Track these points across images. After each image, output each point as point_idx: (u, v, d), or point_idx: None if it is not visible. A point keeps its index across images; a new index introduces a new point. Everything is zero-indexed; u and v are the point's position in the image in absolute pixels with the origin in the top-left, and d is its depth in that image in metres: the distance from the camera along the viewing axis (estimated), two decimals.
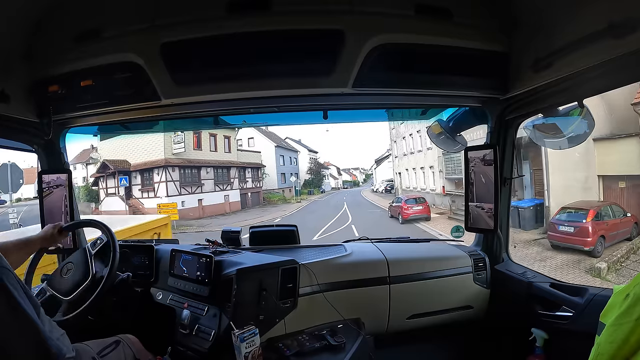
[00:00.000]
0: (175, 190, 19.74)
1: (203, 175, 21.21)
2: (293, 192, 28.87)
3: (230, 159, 23.10)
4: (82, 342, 1.22)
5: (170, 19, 1.39)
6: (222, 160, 22.46)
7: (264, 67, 1.45)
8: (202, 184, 21.02)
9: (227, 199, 22.36)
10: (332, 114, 1.93)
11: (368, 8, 1.37)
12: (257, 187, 25.80)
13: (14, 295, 0.81)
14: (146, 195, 20.08)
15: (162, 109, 1.67)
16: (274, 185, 28.49)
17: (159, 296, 1.73)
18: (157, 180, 19.80)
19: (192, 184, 20.62)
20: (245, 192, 23.94)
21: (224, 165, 22.68)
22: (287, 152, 31.44)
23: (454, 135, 2.05)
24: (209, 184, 21.49)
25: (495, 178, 1.81)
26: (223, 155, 22.68)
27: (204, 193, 20.95)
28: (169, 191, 19.52)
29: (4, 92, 1.41)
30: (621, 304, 0.90)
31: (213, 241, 1.89)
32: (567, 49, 1.24)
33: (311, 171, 34.64)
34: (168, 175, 19.64)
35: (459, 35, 1.44)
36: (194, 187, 20.67)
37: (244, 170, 24.41)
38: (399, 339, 1.93)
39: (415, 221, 14.00)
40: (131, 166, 20.06)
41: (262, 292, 1.54)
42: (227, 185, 22.71)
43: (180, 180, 20.03)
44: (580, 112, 1.50)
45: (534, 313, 1.68)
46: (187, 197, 19.99)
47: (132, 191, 20.36)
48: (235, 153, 23.63)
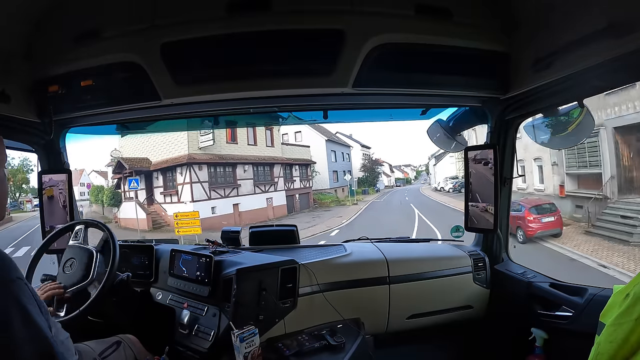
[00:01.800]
0: (204, 193, 15.92)
1: (240, 174, 17.28)
2: (347, 192, 24.81)
3: (273, 154, 18.95)
4: (83, 343, 1.22)
5: (170, 19, 1.39)
6: (263, 156, 18.34)
7: (264, 67, 1.45)
8: (238, 185, 17.11)
9: (270, 203, 18.38)
10: (332, 113, 1.93)
11: (368, 8, 1.37)
12: (307, 187, 21.43)
13: (29, 311, 0.79)
14: (169, 199, 16.55)
15: (162, 109, 1.67)
16: (325, 184, 23.98)
17: (158, 296, 1.73)
18: (181, 181, 16.01)
19: (226, 186, 16.74)
20: (292, 194, 19.86)
21: (266, 161, 18.54)
22: (338, 147, 26.70)
23: (454, 135, 2.05)
24: (247, 184, 17.58)
25: (495, 178, 1.81)
26: (264, 149, 18.48)
27: (240, 196, 17.09)
28: (195, 195, 15.59)
29: (4, 92, 1.41)
30: (621, 303, 0.90)
31: (213, 241, 1.89)
32: (567, 49, 1.24)
33: (365, 168, 30.39)
34: (193, 174, 15.79)
35: (459, 35, 1.44)
36: (228, 189, 16.81)
37: (291, 167, 20.18)
38: (398, 339, 1.93)
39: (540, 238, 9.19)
40: (151, 165, 16.69)
41: (262, 292, 1.54)
42: (270, 186, 18.69)
43: (209, 180, 16.16)
44: (580, 112, 1.50)
45: (533, 313, 1.68)
46: (219, 201, 16.17)
47: (154, 195, 16.95)
48: (280, 147, 19.51)
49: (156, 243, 1.91)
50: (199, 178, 15.84)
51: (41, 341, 0.79)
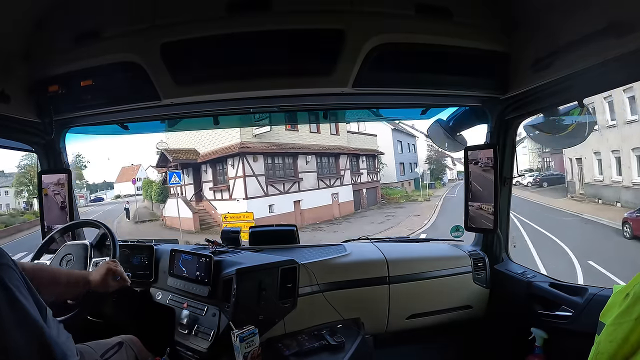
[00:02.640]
0: (259, 188, 13.46)
1: (301, 165, 14.72)
2: (412, 185, 22.03)
3: (339, 143, 16.33)
4: (85, 344, 1.22)
5: (170, 19, 1.39)
6: (327, 146, 15.73)
7: (264, 67, 1.44)
8: (299, 179, 14.56)
9: (335, 199, 15.84)
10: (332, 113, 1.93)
11: (368, 8, 1.37)
12: (374, 180, 18.87)
13: (16, 295, 0.79)
14: (219, 196, 14.26)
15: (162, 109, 1.67)
16: (392, 177, 21.29)
17: (158, 296, 1.73)
18: (233, 175, 13.56)
19: (285, 179, 14.21)
20: (359, 188, 17.39)
21: (331, 151, 15.93)
22: (404, 137, 23.84)
23: (454, 134, 2.05)
24: (310, 178, 14.95)
25: (495, 178, 1.81)
26: (329, 138, 15.86)
27: (302, 192, 14.54)
28: (250, 190, 13.19)
29: (4, 92, 1.41)
30: (621, 303, 0.91)
31: (213, 241, 1.89)
32: (567, 49, 1.24)
33: (430, 160, 27.21)
34: (247, 166, 13.29)
35: (459, 35, 1.44)
36: (288, 184, 14.24)
37: (357, 158, 17.63)
38: (398, 339, 1.93)
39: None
40: (199, 156, 14.62)
41: (262, 292, 1.54)
42: (336, 180, 16.04)
43: (266, 174, 13.70)
44: (580, 111, 1.50)
45: (533, 313, 1.68)
46: (277, 198, 13.75)
47: (202, 191, 14.78)
48: (346, 136, 16.89)
49: (156, 243, 1.91)
50: (253, 171, 13.35)
51: (30, 326, 0.79)
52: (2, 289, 0.77)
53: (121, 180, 35.14)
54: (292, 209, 13.95)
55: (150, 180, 20.51)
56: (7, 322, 0.76)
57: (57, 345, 0.83)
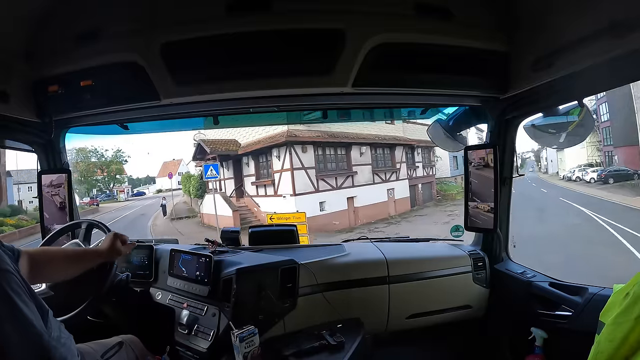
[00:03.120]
0: (309, 183, 11.82)
1: (355, 157, 13.12)
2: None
3: (394, 133, 14.61)
4: (85, 344, 1.22)
5: (170, 19, 1.39)
6: (383, 135, 13.99)
7: (264, 67, 1.44)
8: (353, 173, 12.95)
9: (391, 195, 14.10)
10: (332, 113, 1.93)
11: (368, 7, 1.36)
12: (429, 174, 17.43)
13: (16, 302, 0.78)
14: (263, 192, 12.77)
15: (162, 109, 1.66)
16: (445, 172, 19.54)
17: (158, 296, 1.73)
18: (278, 167, 12.06)
19: (338, 173, 12.62)
20: (414, 183, 15.77)
21: (387, 142, 14.21)
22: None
23: (454, 134, 2.05)
24: (365, 172, 13.31)
25: (495, 177, 1.81)
26: (384, 127, 14.04)
27: (356, 187, 12.89)
28: (298, 185, 11.59)
29: (4, 92, 1.41)
30: (621, 302, 0.91)
31: (212, 241, 1.89)
32: (567, 48, 1.24)
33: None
34: (295, 158, 11.73)
35: (459, 35, 1.44)
36: (341, 178, 12.65)
37: (412, 150, 16.01)
38: (398, 339, 1.93)
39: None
40: (240, 147, 13.16)
41: (262, 292, 1.54)
42: (392, 174, 14.36)
43: (316, 166, 12.10)
44: (580, 111, 1.50)
45: (533, 312, 1.68)
46: (329, 194, 12.08)
47: (244, 186, 13.17)
48: (401, 125, 14.95)
49: (156, 243, 1.91)
50: (302, 163, 11.71)
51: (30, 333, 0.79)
52: (2, 297, 0.77)
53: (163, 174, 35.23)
54: (344, 207, 12.24)
55: (189, 174, 19.64)
56: (7, 330, 0.76)
57: (56, 349, 0.83)
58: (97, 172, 30.80)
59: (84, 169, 29.74)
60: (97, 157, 30.75)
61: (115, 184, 32.61)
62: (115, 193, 32.87)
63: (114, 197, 32.57)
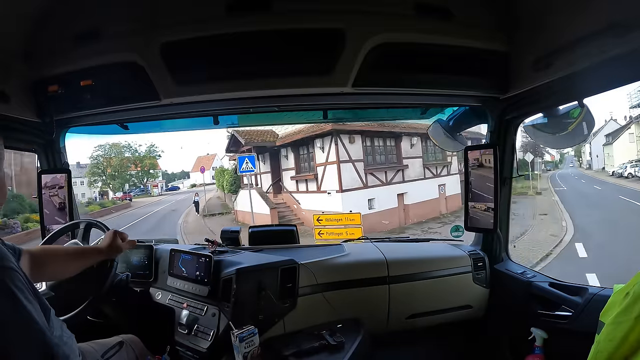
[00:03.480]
0: (357, 178, 10.61)
1: (405, 149, 11.88)
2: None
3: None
4: (86, 343, 1.22)
5: (170, 19, 1.39)
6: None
7: (264, 67, 1.44)
8: (404, 167, 11.68)
9: (442, 191, 12.85)
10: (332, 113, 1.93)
11: (368, 7, 1.36)
12: None
13: (19, 298, 0.78)
14: (303, 187, 11.59)
15: (162, 109, 1.66)
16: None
17: (158, 296, 1.73)
18: (322, 160, 10.84)
19: (388, 167, 11.35)
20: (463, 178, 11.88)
21: None
22: None
23: (454, 134, 2.05)
24: (416, 165, 12.04)
25: (495, 178, 1.81)
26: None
27: (407, 182, 11.63)
28: (345, 180, 10.38)
29: (4, 92, 1.41)
30: (621, 302, 0.91)
31: (212, 241, 1.89)
32: (567, 48, 1.24)
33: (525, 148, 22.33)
34: (341, 149, 10.55)
35: (459, 35, 1.44)
36: (391, 172, 11.38)
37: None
38: (398, 339, 1.93)
39: None
40: (277, 138, 12.17)
41: (262, 292, 1.54)
42: (443, 168, 13.16)
43: (365, 159, 10.97)
44: (581, 111, 1.50)
45: (533, 312, 1.68)
46: (377, 190, 10.87)
47: (282, 180, 12.07)
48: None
49: (156, 243, 1.91)
50: (349, 155, 10.51)
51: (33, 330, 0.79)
52: (6, 294, 0.77)
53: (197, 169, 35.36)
54: (394, 204, 10.88)
55: (222, 169, 18.94)
56: (10, 327, 0.76)
57: (59, 347, 0.83)
58: (130, 167, 31.01)
59: (118, 163, 30.03)
60: (131, 152, 31.04)
61: (148, 179, 32.80)
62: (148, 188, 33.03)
63: (147, 191, 32.64)
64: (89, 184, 29.19)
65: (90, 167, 29.49)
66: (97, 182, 29.76)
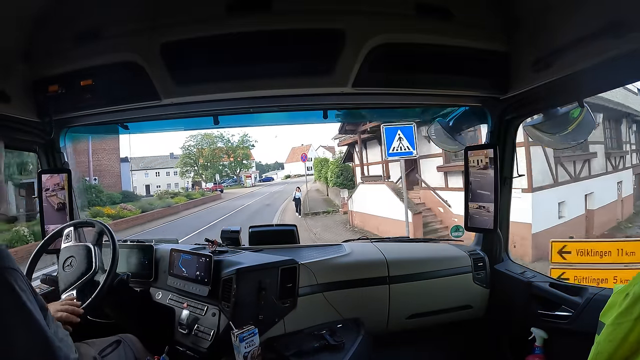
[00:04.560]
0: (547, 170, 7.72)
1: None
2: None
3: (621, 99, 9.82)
4: (83, 342, 1.22)
5: (170, 19, 1.39)
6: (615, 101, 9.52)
7: (264, 67, 1.45)
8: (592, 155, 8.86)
9: (619, 190, 9.79)
10: (332, 113, 1.93)
11: (368, 8, 1.36)
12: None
13: (22, 298, 0.79)
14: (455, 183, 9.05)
15: (162, 109, 1.67)
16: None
17: (158, 296, 1.73)
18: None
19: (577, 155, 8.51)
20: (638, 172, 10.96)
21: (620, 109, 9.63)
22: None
23: (454, 134, 2.05)
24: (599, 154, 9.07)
25: (495, 178, 1.81)
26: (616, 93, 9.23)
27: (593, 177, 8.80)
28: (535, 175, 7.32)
29: (4, 92, 1.41)
30: (621, 303, 0.91)
31: (212, 241, 1.89)
32: (567, 49, 1.24)
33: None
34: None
35: (459, 35, 1.44)
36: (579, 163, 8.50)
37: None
38: (398, 339, 1.93)
39: None
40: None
41: (262, 292, 1.54)
42: (619, 159, 9.94)
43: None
44: (581, 111, 1.50)
45: (533, 313, 1.68)
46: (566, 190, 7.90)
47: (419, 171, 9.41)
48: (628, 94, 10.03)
49: (156, 243, 1.91)
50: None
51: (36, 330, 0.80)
52: (11, 294, 0.78)
53: (291, 160, 35.04)
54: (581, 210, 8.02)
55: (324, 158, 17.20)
56: (14, 327, 0.77)
57: (60, 349, 0.84)
58: (223, 158, 30.79)
59: (210, 153, 29.80)
60: (224, 142, 30.89)
61: (241, 169, 32.51)
62: (241, 178, 32.71)
63: (240, 182, 32.31)
64: (181, 174, 28.95)
65: (182, 158, 29.23)
66: (189, 173, 29.50)
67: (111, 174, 20.08)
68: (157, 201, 17.63)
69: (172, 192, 23.07)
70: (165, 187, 27.71)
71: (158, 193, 21.65)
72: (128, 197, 17.72)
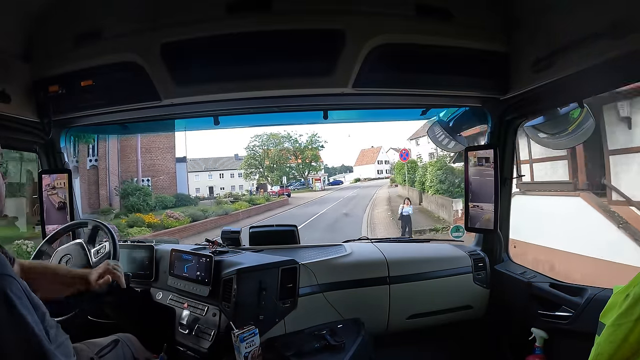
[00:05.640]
0: None
1: None
2: None
3: None
4: (81, 342, 1.22)
5: (170, 19, 1.39)
6: None
7: (264, 67, 1.45)
8: None
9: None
10: (332, 113, 1.94)
11: (368, 8, 1.37)
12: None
13: (17, 306, 0.78)
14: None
15: (162, 109, 1.67)
16: None
17: (158, 296, 1.73)
18: None
19: None
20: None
21: None
22: None
23: (454, 135, 2.05)
24: None
25: (495, 178, 1.81)
26: None
27: None
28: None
29: (4, 92, 1.41)
30: (621, 304, 0.90)
31: (213, 241, 1.89)
32: (567, 49, 1.24)
33: None
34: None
35: (459, 36, 1.44)
36: None
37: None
38: (398, 339, 1.93)
39: None
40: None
41: (262, 292, 1.54)
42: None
43: None
44: (581, 112, 1.50)
45: (533, 313, 1.68)
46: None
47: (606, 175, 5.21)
48: None
49: (156, 243, 1.91)
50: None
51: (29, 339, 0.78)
52: (4, 302, 0.77)
53: (360, 163, 33.83)
54: None
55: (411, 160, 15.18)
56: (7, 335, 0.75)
57: (55, 356, 0.82)
58: (290, 159, 28.69)
59: (276, 154, 27.76)
60: (291, 143, 28.58)
61: (310, 172, 29.93)
62: (309, 181, 30.29)
63: (308, 185, 29.96)
64: (245, 176, 27.24)
65: (246, 159, 27.48)
66: (254, 174, 27.59)
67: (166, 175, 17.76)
68: (213, 207, 15.48)
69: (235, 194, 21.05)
70: (229, 189, 25.97)
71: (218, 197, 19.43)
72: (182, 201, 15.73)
